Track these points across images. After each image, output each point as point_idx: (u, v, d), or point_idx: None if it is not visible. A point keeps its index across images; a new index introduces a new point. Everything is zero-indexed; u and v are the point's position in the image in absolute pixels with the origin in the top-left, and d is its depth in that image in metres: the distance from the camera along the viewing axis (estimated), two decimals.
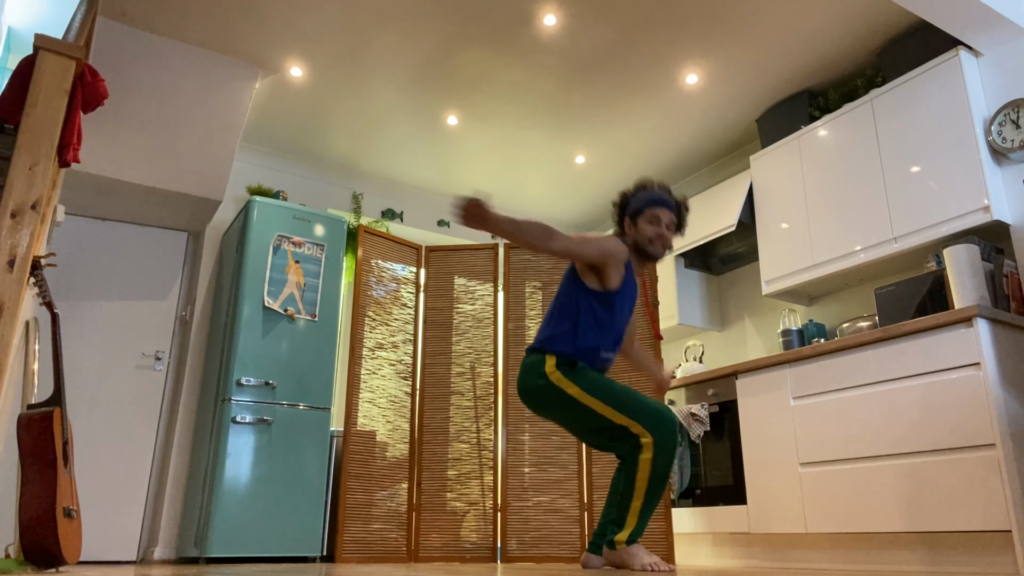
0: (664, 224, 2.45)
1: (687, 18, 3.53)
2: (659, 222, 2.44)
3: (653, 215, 2.45)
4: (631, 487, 2.30)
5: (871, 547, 2.97)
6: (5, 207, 1.89)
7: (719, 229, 4.20)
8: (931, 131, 3.32)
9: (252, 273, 3.95)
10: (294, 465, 3.80)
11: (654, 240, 2.44)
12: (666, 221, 2.46)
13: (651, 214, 2.45)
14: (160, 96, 3.75)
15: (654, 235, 2.44)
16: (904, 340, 2.94)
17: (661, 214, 2.45)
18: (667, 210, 2.46)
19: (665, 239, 2.45)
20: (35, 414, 2.25)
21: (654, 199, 2.47)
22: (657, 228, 2.44)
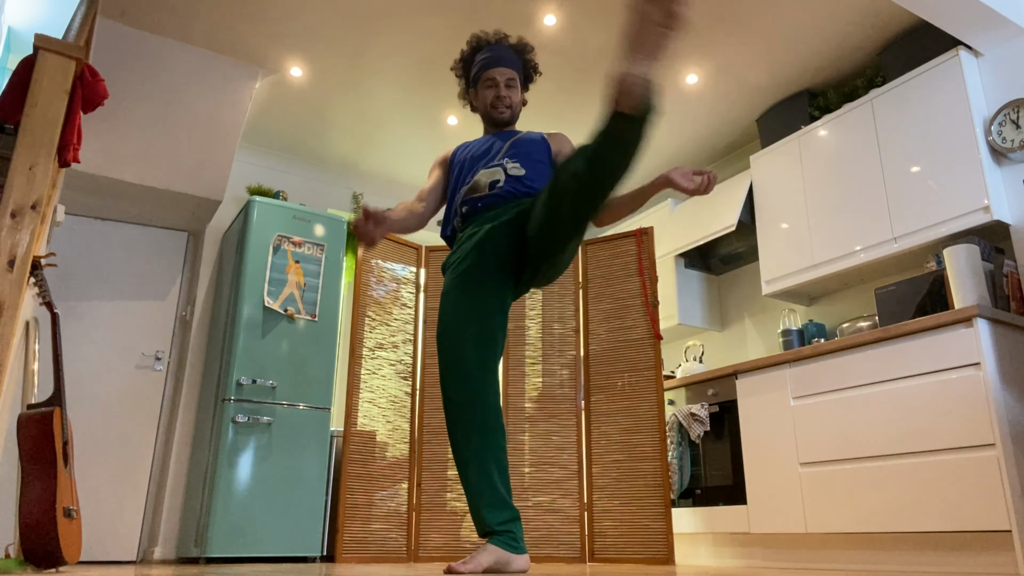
0: (502, 84, 2.31)
1: (687, 18, 3.53)
2: (495, 84, 2.31)
3: (487, 79, 2.32)
4: None
5: (871, 547, 2.97)
6: (5, 207, 1.89)
7: (719, 229, 4.20)
8: (931, 131, 3.32)
9: (252, 273, 3.95)
10: (294, 465, 3.80)
11: (495, 104, 2.31)
12: (503, 80, 2.31)
13: (485, 79, 2.33)
14: (160, 96, 3.74)
15: (493, 99, 2.31)
16: (904, 340, 2.94)
17: (495, 75, 2.31)
18: (502, 68, 2.31)
19: (503, 99, 2.31)
20: (35, 414, 2.25)
21: (485, 61, 2.33)
22: (495, 91, 2.31)
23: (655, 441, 3.51)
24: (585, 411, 3.70)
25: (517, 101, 2.36)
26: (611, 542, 3.46)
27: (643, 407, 3.58)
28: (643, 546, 3.39)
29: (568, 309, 3.86)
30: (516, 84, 2.35)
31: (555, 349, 3.81)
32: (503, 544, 1.94)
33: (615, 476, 3.54)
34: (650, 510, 3.43)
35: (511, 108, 2.34)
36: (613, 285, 3.82)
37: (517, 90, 2.36)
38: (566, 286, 3.91)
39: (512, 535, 1.97)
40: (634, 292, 3.76)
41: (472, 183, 2.23)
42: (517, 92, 2.36)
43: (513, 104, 2.34)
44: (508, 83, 2.33)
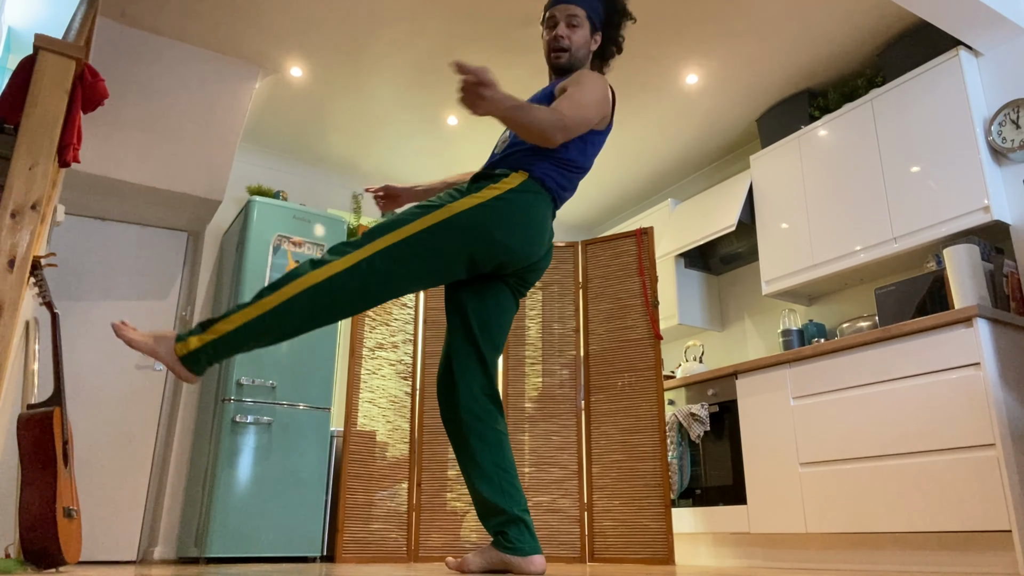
0: (562, 22, 2.05)
1: (687, 18, 3.53)
2: (555, 23, 2.06)
3: (549, 18, 2.09)
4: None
5: (871, 547, 2.97)
6: (5, 207, 1.89)
7: (719, 229, 4.20)
8: (931, 131, 3.32)
9: (252, 273, 3.95)
10: (294, 465, 3.80)
11: (551, 46, 2.06)
12: (564, 17, 2.05)
13: (547, 18, 2.09)
14: (160, 96, 3.74)
15: (550, 40, 2.06)
16: (904, 340, 2.94)
17: (556, 13, 2.06)
18: (564, 3, 2.05)
19: (560, 39, 2.03)
20: (35, 414, 2.25)
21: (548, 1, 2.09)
22: (553, 31, 2.06)
23: (655, 441, 3.51)
24: (585, 411, 3.70)
25: (580, 42, 2.05)
26: (611, 542, 3.46)
27: (643, 407, 3.58)
28: (643, 546, 3.39)
29: (568, 309, 3.86)
30: (582, 23, 2.05)
31: (555, 349, 3.80)
32: (499, 547, 1.92)
33: (615, 476, 3.54)
34: (650, 510, 3.43)
35: (568, 51, 2.04)
36: (613, 285, 3.82)
37: (583, 30, 2.05)
38: (566, 286, 3.91)
39: (505, 536, 1.93)
40: (634, 292, 3.76)
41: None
42: (583, 32, 2.05)
43: (573, 46, 2.04)
44: (570, 20, 2.05)
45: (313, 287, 1.73)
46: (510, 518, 1.92)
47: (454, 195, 1.86)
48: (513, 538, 1.91)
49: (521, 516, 1.93)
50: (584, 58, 2.08)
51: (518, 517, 1.93)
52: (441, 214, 1.82)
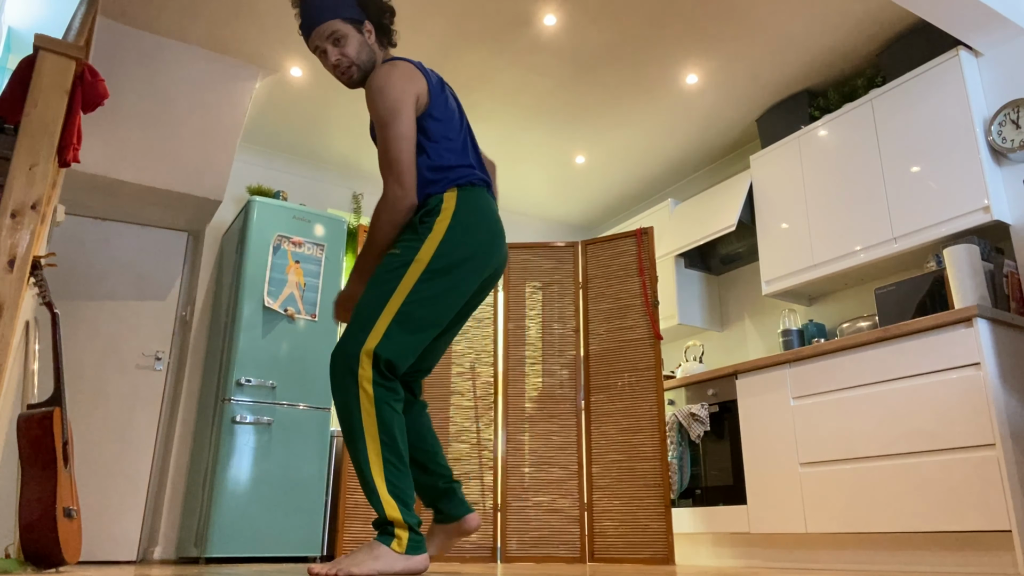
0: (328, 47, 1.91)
1: (687, 18, 3.53)
2: (322, 51, 1.93)
3: (313, 49, 1.95)
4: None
5: (871, 547, 2.97)
6: (5, 207, 1.89)
7: (719, 229, 4.20)
8: (931, 131, 3.32)
9: (252, 273, 3.95)
10: (294, 465, 3.80)
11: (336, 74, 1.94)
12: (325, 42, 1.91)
13: (311, 48, 1.96)
14: (160, 96, 3.74)
15: (331, 69, 1.94)
16: (904, 340, 2.94)
17: (315, 40, 1.92)
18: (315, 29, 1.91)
19: (337, 66, 1.91)
20: (35, 414, 2.25)
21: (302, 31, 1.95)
22: (326, 59, 1.93)
23: (655, 441, 3.51)
24: (585, 411, 3.70)
25: (354, 53, 1.91)
26: (611, 542, 3.46)
27: (643, 407, 3.58)
28: (643, 546, 3.39)
29: (568, 309, 3.86)
30: (345, 34, 1.90)
31: (555, 349, 3.80)
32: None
33: (615, 476, 3.54)
34: (650, 510, 3.43)
35: (353, 66, 1.92)
36: (613, 285, 3.82)
37: (351, 39, 1.90)
38: (566, 286, 3.91)
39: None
40: (634, 292, 3.76)
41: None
42: (352, 42, 1.90)
43: (352, 60, 1.91)
44: (334, 41, 1.90)
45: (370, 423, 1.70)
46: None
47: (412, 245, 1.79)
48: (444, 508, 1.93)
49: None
50: (370, 57, 1.95)
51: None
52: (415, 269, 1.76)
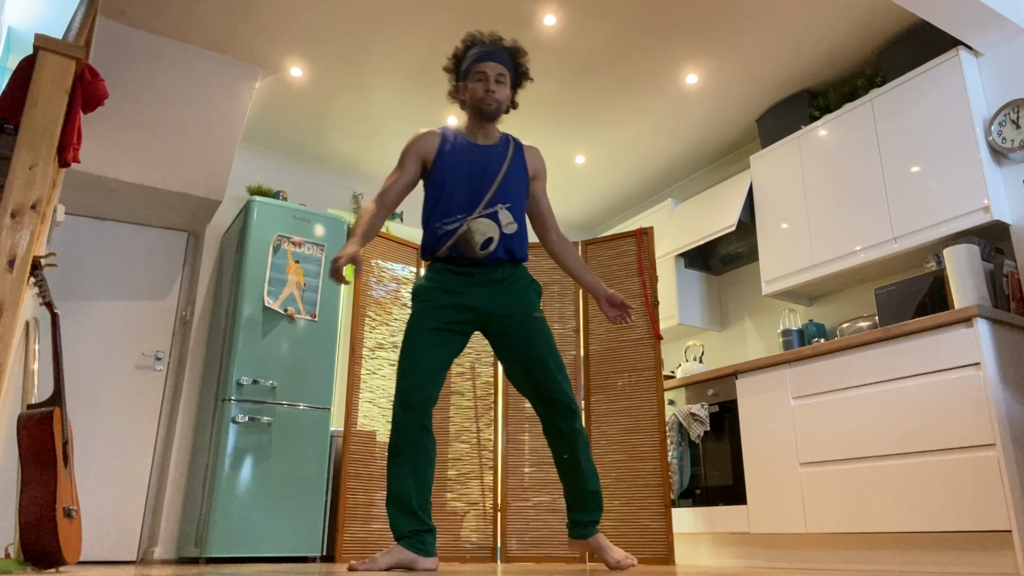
0: (492, 78, 2.35)
1: (687, 18, 3.53)
2: (486, 77, 2.35)
3: (478, 72, 2.36)
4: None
5: (871, 547, 2.98)
6: (5, 207, 1.89)
7: (719, 229, 4.20)
8: (931, 131, 3.32)
9: (252, 273, 3.95)
10: (294, 465, 3.80)
11: (483, 98, 2.35)
12: (494, 75, 2.35)
13: (476, 71, 2.37)
14: (160, 96, 3.74)
15: (483, 92, 2.35)
16: (904, 340, 2.94)
17: (486, 68, 2.36)
18: (493, 63, 2.36)
19: (493, 93, 2.34)
20: (35, 414, 2.25)
21: (477, 55, 2.38)
22: (485, 84, 2.35)
23: (655, 441, 3.51)
24: (585, 411, 3.70)
25: (505, 97, 2.38)
26: (611, 542, 3.46)
27: (643, 407, 3.58)
28: (643, 546, 3.39)
29: (568, 309, 3.86)
30: (506, 81, 2.38)
31: None
32: (410, 546, 2.17)
33: (615, 476, 3.54)
34: (650, 510, 3.43)
35: (499, 102, 2.37)
36: (613, 285, 3.82)
37: (506, 87, 2.39)
38: (566, 286, 3.91)
39: (421, 539, 2.19)
40: (634, 292, 3.76)
41: (463, 234, 2.27)
42: (506, 89, 2.38)
43: (501, 99, 2.37)
44: (498, 78, 2.36)
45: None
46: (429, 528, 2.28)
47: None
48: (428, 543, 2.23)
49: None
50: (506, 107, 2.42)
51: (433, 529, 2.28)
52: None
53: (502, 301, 2.30)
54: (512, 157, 2.40)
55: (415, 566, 2.15)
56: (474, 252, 2.26)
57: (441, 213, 2.31)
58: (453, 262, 2.32)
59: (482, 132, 2.42)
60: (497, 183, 2.33)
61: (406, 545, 2.16)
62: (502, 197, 2.32)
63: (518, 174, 2.39)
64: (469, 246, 2.25)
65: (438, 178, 2.35)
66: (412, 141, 2.41)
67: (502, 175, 2.35)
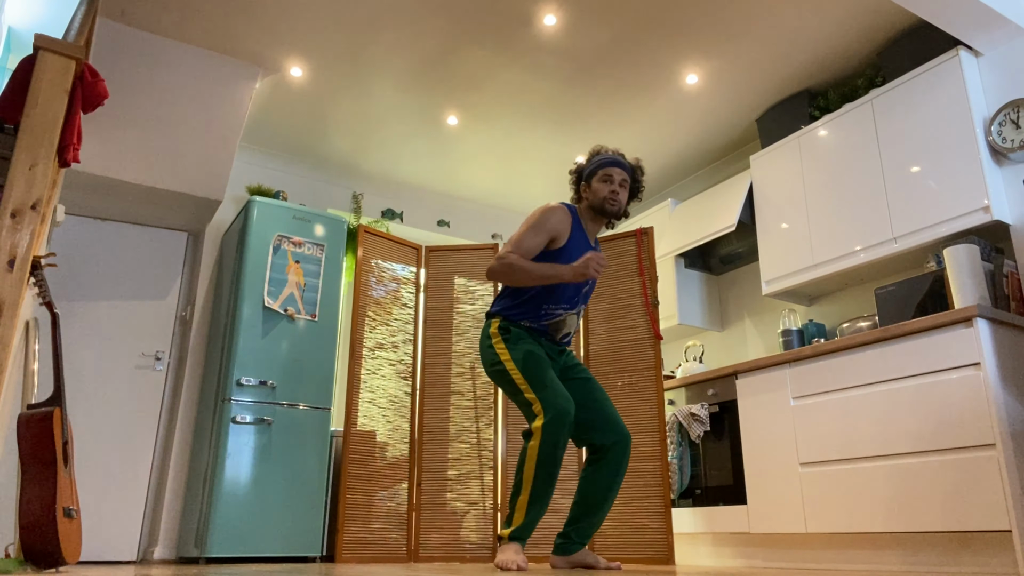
0: (617, 182, 2.61)
1: (687, 18, 3.53)
2: (611, 180, 2.61)
3: (605, 174, 2.62)
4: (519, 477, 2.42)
5: (871, 547, 2.98)
6: (5, 207, 1.89)
7: (719, 229, 4.20)
8: (931, 131, 3.32)
9: (252, 273, 3.95)
10: (294, 465, 3.80)
11: (608, 197, 2.59)
12: (618, 179, 2.61)
13: (603, 174, 2.62)
14: (160, 96, 3.75)
15: (608, 192, 2.59)
16: (904, 340, 2.94)
17: (613, 173, 2.61)
18: (618, 169, 2.63)
19: (617, 195, 2.60)
20: (35, 414, 2.25)
21: (605, 160, 2.65)
22: (610, 186, 2.60)
23: (655, 441, 3.51)
24: None
25: (624, 203, 2.65)
26: (611, 542, 3.46)
27: (643, 407, 3.58)
28: (643, 546, 3.39)
29: None
30: (626, 188, 2.66)
31: None
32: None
33: None
34: (650, 510, 3.43)
35: (620, 205, 2.63)
36: (613, 285, 3.82)
37: (626, 193, 2.66)
38: None
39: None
40: (634, 292, 3.76)
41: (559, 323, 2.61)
42: (625, 195, 2.66)
43: (622, 203, 2.63)
44: (622, 183, 2.64)
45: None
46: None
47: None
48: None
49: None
50: (623, 211, 2.68)
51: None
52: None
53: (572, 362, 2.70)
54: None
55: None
56: (556, 337, 2.62)
57: (553, 300, 2.58)
58: (540, 333, 2.62)
59: (594, 228, 2.69)
60: (588, 286, 2.66)
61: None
62: (585, 299, 2.69)
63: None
64: (558, 332, 2.61)
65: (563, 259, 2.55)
66: (551, 214, 2.57)
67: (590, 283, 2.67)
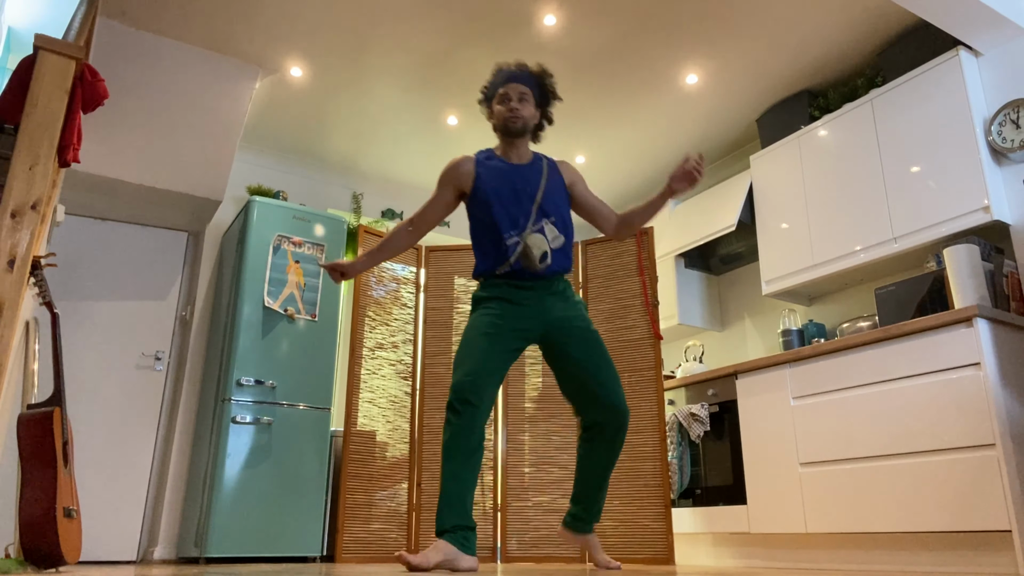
0: (515, 98, 2.46)
1: (687, 18, 3.53)
2: (509, 98, 2.47)
3: (501, 95, 2.49)
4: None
5: (871, 547, 2.98)
6: (5, 207, 1.89)
7: (719, 229, 4.20)
8: (931, 131, 3.32)
9: (252, 273, 3.95)
10: (294, 465, 3.80)
11: (508, 116, 2.46)
12: (516, 95, 2.47)
13: (500, 95, 2.50)
14: (160, 96, 3.74)
15: (507, 112, 2.46)
16: (904, 340, 2.94)
17: (508, 90, 2.47)
18: (513, 83, 2.48)
19: (517, 111, 2.45)
20: (35, 414, 2.25)
21: (498, 80, 2.52)
22: (508, 104, 2.47)
23: (655, 441, 3.51)
24: None
25: (529, 115, 2.47)
26: (611, 542, 3.46)
27: (643, 407, 3.58)
28: (643, 546, 3.39)
29: None
30: (529, 99, 2.48)
31: None
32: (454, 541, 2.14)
33: (615, 476, 3.54)
34: (650, 510, 3.43)
35: (523, 119, 2.46)
36: (613, 285, 3.82)
37: (530, 104, 2.48)
38: None
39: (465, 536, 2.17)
40: (634, 292, 3.76)
41: (523, 250, 2.35)
42: (530, 107, 2.48)
43: (525, 117, 2.46)
44: (521, 97, 2.47)
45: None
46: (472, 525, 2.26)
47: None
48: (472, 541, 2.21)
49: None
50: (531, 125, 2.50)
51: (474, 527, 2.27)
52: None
53: (563, 313, 2.38)
54: (548, 172, 2.51)
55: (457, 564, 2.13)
56: (535, 266, 2.35)
57: (496, 233, 2.39)
58: (516, 276, 2.38)
59: (515, 152, 2.51)
60: (539, 199, 2.41)
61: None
62: (546, 212, 2.41)
63: (557, 187, 2.48)
64: (529, 260, 2.34)
65: (482, 199, 2.42)
66: (446, 168, 2.51)
67: (542, 190, 2.44)
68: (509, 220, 2.38)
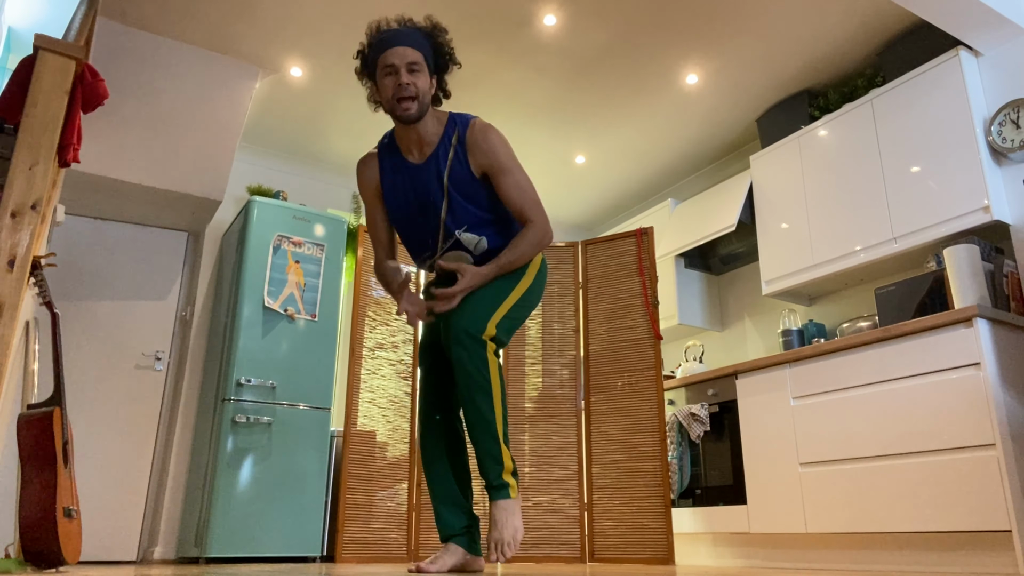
0: (403, 69, 1.91)
1: (687, 18, 3.53)
2: (396, 70, 1.92)
3: (385, 65, 1.93)
4: None
5: (871, 547, 2.97)
6: (5, 207, 1.89)
7: (719, 229, 4.20)
8: (931, 131, 3.32)
9: (252, 273, 3.95)
10: (294, 465, 3.80)
11: (395, 95, 1.93)
12: (404, 64, 1.91)
13: (383, 65, 1.94)
14: (160, 96, 3.74)
15: (394, 88, 1.93)
16: (904, 340, 2.94)
17: (393, 58, 1.92)
18: (399, 48, 1.92)
19: (407, 88, 1.91)
20: (35, 414, 2.25)
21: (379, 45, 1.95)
22: (395, 79, 1.92)
23: (655, 441, 3.51)
24: (585, 411, 3.70)
25: (424, 89, 1.95)
26: (611, 542, 3.46)
27: (643, 407, 3.58)
28: (643, 546, 3.39)
29: (568, 309, 3.86)
30: (422, 68, 1.95)
31: (555, 349, 3.80)
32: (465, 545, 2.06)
33: (615, 476, 3.54)
34: (650, 510, 3.43)
35: (416, 99, 1.94)
36: (613, 285, 3.82)
37: (423, 75, 1.95)
38: (566, 286, 3.91)
39: (472, 537, 2.09)
40: (634, 292, 3.76)
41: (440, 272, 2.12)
42: (424, 77, 1.95)
43: (419, 93, 1.94)
44: (411, 67, 1.93)
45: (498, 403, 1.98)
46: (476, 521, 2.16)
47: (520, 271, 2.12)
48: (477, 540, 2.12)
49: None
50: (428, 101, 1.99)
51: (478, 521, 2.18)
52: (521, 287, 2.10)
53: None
54: (451, 168, 2.02)
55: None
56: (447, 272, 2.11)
57: (411, 253, 2.16)
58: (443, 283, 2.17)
59: (413, 142, 2.03)
60: (443, 216, 2.02)
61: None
62: (458, 221, 2.03)
63: (464, 188, 2.03)
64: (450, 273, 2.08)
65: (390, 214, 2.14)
66: (357, 178, 2.16)
67: (446, 205, 2.02)
68: (418, 243, 2.10)
